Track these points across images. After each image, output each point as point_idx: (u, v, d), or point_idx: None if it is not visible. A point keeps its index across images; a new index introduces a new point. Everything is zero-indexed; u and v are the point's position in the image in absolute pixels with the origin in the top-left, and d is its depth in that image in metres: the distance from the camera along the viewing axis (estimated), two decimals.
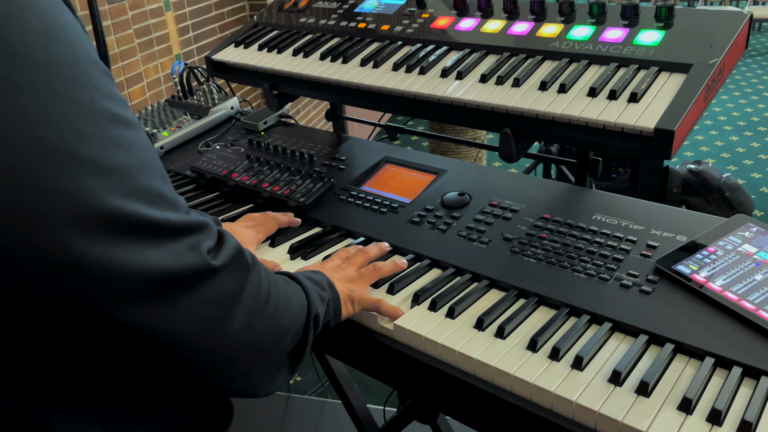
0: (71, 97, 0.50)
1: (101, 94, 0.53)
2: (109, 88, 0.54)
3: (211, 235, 0.60)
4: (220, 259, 0.59)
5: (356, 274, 0.95)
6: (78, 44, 0.53)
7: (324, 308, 0.81)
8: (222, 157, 1.43)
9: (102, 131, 0.52)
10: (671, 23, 1.06)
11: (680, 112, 0.90)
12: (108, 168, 0.51)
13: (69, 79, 0.51)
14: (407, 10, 1.36)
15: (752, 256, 0.92)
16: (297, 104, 3.78)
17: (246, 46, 1.49)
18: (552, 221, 1.06)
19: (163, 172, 0.58)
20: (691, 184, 3.30)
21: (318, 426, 2.23)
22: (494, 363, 0.81)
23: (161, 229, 0.54)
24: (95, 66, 0.54)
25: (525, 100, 1.03)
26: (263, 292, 0.66)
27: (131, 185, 0.53)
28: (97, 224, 0.50)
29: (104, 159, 0.51)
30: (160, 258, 0.53)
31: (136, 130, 0.56)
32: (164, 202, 0.56)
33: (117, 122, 0.53)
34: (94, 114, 0.52)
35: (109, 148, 0.52)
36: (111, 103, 0.54)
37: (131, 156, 0.53)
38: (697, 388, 0.74)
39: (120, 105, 0.55)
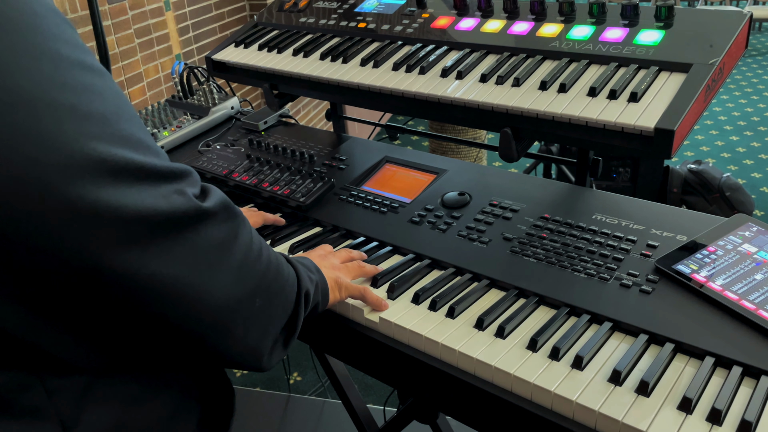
0: (38, 46, 0.50)
1: (66, 43, 0.53)
2: (72, 37, 0.54)
3: (194, 182, 0.60)
4: (209, 203, 0.60)
5: (341, 265, 0.97)
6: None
7: (313, 288, 0.82)
8: (222, 157, 1.43)
9: (74, 79, 0.52)
10: (671, 23, 1.06)
11: (680, 111, 0.90)
12: (87, 114, 0.51)
13: (32, 30, 0.51)
14: (407, 9, 1.36)
15: (752, 256, 0.92)
16: (297, 104, 3.78)
17: (246, 46, 1.49)
18: (552, 221, 1.06)
19: (139, 120, 0.58)
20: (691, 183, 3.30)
21: (318, 426, 2.23)
22: (494, 363, 0.81)
23: (148, 172, 0.54)
24: (56, 15, 0.54)
25: (525, 99, 1.03)
26: (255, 247, 0.66)
27: (112, 131, 0.52)
28: (85, 169, 0.49)
29: (81, 105, 0.51)
30: (152, 200, 0.53)
31: (106, 78, 0.56)
32: (146, 147, 0.56)
33: (87, 69, 0.53)
34: (63, 62, 0.51)
35: (84, 95, 0.52)
36: (78, 51, 0.53)
37: (107, 102, 0.53)
38: (697, 388, 0.74)
39: (86, 53, 0.55)
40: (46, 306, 0.54)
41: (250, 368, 0.70)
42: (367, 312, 0.94)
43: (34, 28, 0.51)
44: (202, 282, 0.58)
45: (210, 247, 0.59)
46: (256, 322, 0.66)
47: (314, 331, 1.06)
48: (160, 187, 0.55)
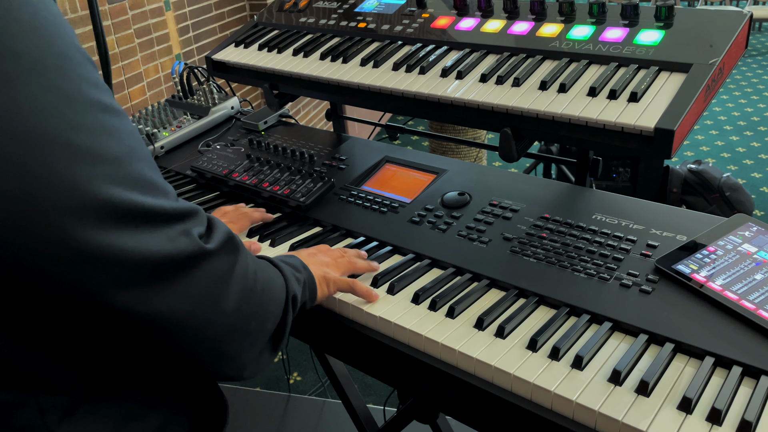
0: (59, 87, 0.51)
1: (87, 82, 0.53)
2: (94, 77, 0.55)
3: (201, 221, 0.62)
4: (213, 243, 0.61)
5: (331, 261, 0.97)
6: (61, 34, 0.53)
7: (300, 289, 0.83)
8: (222, 157, 1.43)
9: (92, 120, 0.52)
10: (671, 23, 1.06)
11: (680, 111, 0.90)
12: (101, 156, 0.52)
13: (55, 70, 0.51)
14: (407, 9, 1.36)
15: (752, 256, 0.92)
16: (297, 104, 3.78)
17: (246, 45, 1.49)
18: (552, 221, 1.06)
19: (150, 158, 0.59)
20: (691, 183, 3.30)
21: (318, 426, 2.23)
22: (494, 362, 0.81)
23: (155, 215, 0.55)
24: (80, 54, 0.54)
25: (525, 99, 1.03)
26: (251, 274, 0.67)
27: (124, 173, 0.53)
28: (95, 212, 0.50)
29: (96, 147, 0.52)
30: (157, 243, 0.54)
31: (123, 118, 0.56)
32: (156, 189, 0.57)
33: (105, 110, 0.54)
34: (82, 103, 0.52)
35: (100, 137, 0.52)
36: (97, 91, 0.54)
37: (121, 144, 0.54)
38: (697, 388, 0.74)
39: (105, 93, 0.55)
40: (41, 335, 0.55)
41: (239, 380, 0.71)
42: (366, 311, 0.94)
43: (57, 70, 0.51)
44: (202, 315, 0.60)
45: (211, 282, 0.61)
46: (249, 342, 0.68)
47: (314, 331, 1.06)
48: (167, 230, 0.56)
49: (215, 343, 0.63)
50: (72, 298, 0.52)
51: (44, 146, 0.49)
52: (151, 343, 0.58)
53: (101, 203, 0.51)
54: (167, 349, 0.60)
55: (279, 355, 2.52)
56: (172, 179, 1.46)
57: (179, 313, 0.57)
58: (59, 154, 0.49)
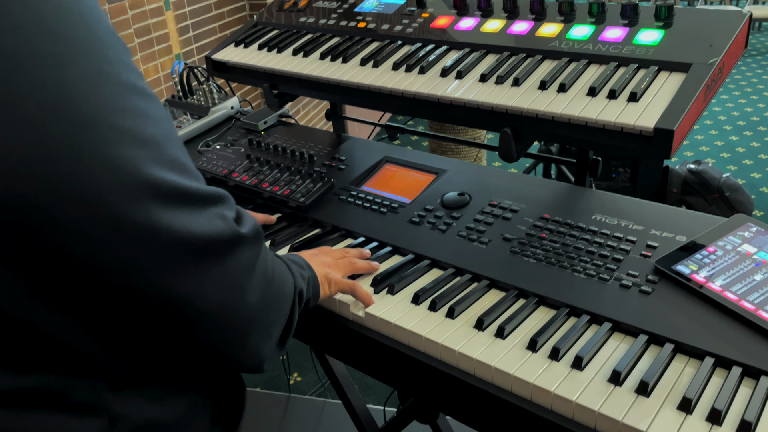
0: (102, 71, 0.52)
1: (126, 68, 0.55)
2: (129, 62, 0.56)
3: (232, 206, 0.63)
4: (245, 228, 0.62)
5: (333, 262, 0.98)
6: (100, 19, 0.55)
7: (305, 285, 0.84)
8: (222, 157, 1.43)
9: (132, 104, 0.54)
10: (671, 23, 1.05)
11: (680, 111, 0.90)
12: (143, 139, 0.53)
13: (98, 54, 0.53)
14: (407, 9, 1.36)
15: (752, 256, 0.92)
16: (297, 104, 3.78)
17: (246, 45, 1.49)
18: (552, 221, 1.06)
19: (182, 144, 0.60)
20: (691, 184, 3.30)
21: (318, 426, 2.23)
22: (494, 363, 0.81)
23: (194, 197, 0.56)
24: (117, 40, 0.56)
25: (525, 99, 1.03)
26: (269, 265, 0.69)
27: (163, 155, 0.54)
28: (143, 192, 0.51)
29: (138, 130, 0.53)
30: (198, 224, 0.56)
31: (156, 102, 0.58)
32: (191, 172, 0.58)
33: (142, 95, 0.55)
34: (122, 87, 0.53)
35: (139, 120, 0.53)
36: (134, 76, 0.56)
37: (158, 127, 0.55)
38: (697, 388, 0.74)
39: (140, 78, 0.57)
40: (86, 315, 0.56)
41: (251, 372, 0.72)
42: (366, 311, 0.94)
43: (99, 54, 0.53)
44: (232, 303, 0.61)
45: (242, 270, 0.62)
46: (267, 334, 0.69)
47: (314, 332, 1.06)
48: (204, 211, 0.57)
49: (239, 332, 0.63)
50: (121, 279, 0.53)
51: (91, 127, 0.50)
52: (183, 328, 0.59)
53: (147, 183, 0.52)
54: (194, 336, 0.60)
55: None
56: None
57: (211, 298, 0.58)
58: (105, 136, 0.50)
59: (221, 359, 0.67)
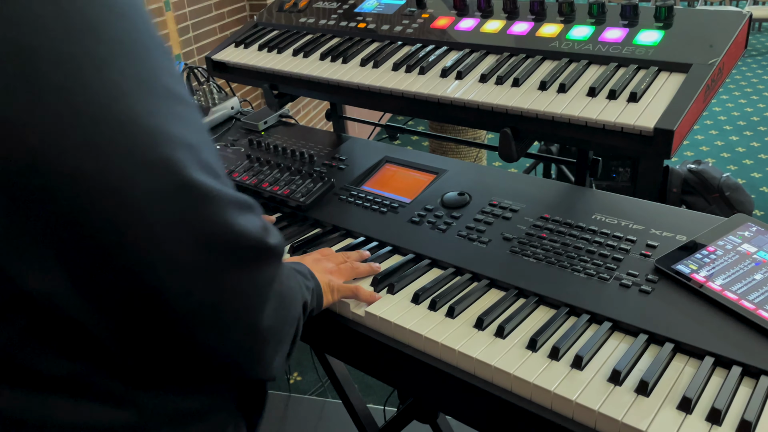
0: (140, 74, 0.52)
1: (168, 73, 0.55)
2: (171, 69, 0.56)
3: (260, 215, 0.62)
4: (273, 240, 0.61)
5: (335, 267, 0.98)
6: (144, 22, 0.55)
7: (310, 296, 0.84)
8: (222, 157, 1.43)
9: (169, 107, 0.54)
10: (671, 23, 1.06)
11: (680, 111, 0.90)
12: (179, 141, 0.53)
13: (139, 57, 0.53)
14: (407, 10, 1.36)
15: (752, 256, 0.92)
16: (297, 104, 3.78)
17: (246, 46, 1.49)
18: (552, 221, 1.06)
19: (216, 151, 0.60)
20: (691, 183, 3.30)
21: (318, 426, 2.23)
22: (494, 362, 0.81)
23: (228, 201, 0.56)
24: (161, 46, 0.56)
25: (525, 99, 1.03)
26: (284, 278, 0.68)
27: (202, 160, 0.54)
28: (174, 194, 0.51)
29: (174, 133, 0.53)
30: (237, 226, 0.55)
31: (194, 108, 0.58)
32: (222, 177, 0.58)
33: (180, 101, 0.55)
34: (162, 91, 0.54)
35: (178, 124, 0.54)
36: (174, 81, 0.56)
37: (195, 133, 0.55)
38: (697, 388, 0.74)
39: (180, 83, 0.57)
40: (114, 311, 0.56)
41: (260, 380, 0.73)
42: (366, 311, 0.94)
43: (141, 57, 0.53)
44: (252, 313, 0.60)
45: (264, 282, 0.61)
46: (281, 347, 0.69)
47: (314, 331, 1.06)
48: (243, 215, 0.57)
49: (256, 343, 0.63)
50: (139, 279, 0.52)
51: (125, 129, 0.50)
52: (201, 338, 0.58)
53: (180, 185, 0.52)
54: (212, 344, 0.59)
55: None
56: None
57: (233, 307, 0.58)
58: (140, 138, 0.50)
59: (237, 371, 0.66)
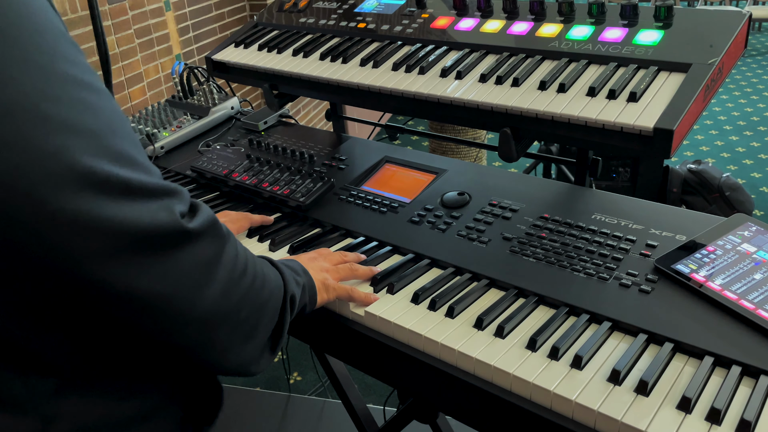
0: (32, 60, 0.52)
1: (64, 59, 0.54)
2: (73, 55, 0.56)
3: (183, 200, 0.61)
4: (195, 223, 0.60)
5: (331, 267, 0.98)
6: (39, 14, 0.54)
7: (300, 291, 0.83)
8: (222, 157, 1.43)
9: (67, 94, 0.53)
10: (670, 23, 1.06)
11: (679, 111, 0.90)
12: (75, 128, 0.52)
13: (28, 43, 0.52)
14: (407, 10, 1.36)
15: (751, 256, 0.92)
16: (297, 104, 3.78)
17: (246, 46, 1.49)
18: (551, 221, 1.06)
19: (134, 139, 0.59)
20: (691, 183, 3.30)
21: (318, 426, 2.23)
22: (494, 362, 0.81)
23: (134, 188, 0.55)
24: (59, 35, 0.55)
25: (524, 99, 1.03)
26: (240, 262, 0.67)
27: (102, 145, 0.54)
28: (70, 181, 0.51)
29: (71, 119, 0.52)
30: (134, 215, 0.54)
31: (104, 96, 0.57)
32: (136, 164, 0.57)
33: (82, 86, 0.55)
34: (57, 77, 0.53)
35: (75, 109, 0.53)
36: (75, 68, 0.55)
37: (98, 119, 0.55)
38: (697, 387, 0.74)
39: (85, 72, 0.56)
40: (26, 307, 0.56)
41: (238, 375, 0.72)
42: (366, 311, 0.94)
43: (32, 44, 0.52)
44: (185, 299, 0.60)
45: (194, 267, 0.60)
46: (241, 334, 0.68)
47: (314, 331, 1.06)
48: (146, 203, 0.56)
49: (201, 328, 0.62)
50: (51, 268, 0.52)
51: (16, 116, 0.49)
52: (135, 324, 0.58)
53: (77, 172, 0.51)
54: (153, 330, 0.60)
55: (279, 355, 2.52)
56: (172, 179, 1.46)
57: (159, 293, 0.57)
58: (33, 124, 0.50)
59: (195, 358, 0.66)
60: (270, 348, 0.75)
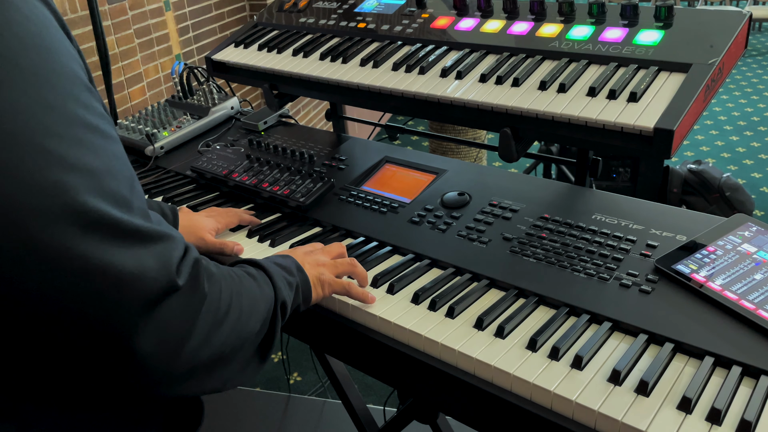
0: (44, 98, 0.53)
1: (77, 102, 0.55)
2: (87, 100, 0.56)
3: (176, 248, 0.59)
4: (182, 277, 0.59)
5: (329, 261, 0.95)
6: (60, 57, 0.55)
7: (292, 294, 0.82)
8: (222, 157, 1.43)
9: (72, 132, 0.54)
10: (671, 23, 1.06)
11: (680, 111, 0.90)
12: (74, 166, 0.52)
13: (44, 83, 0.53)
14: (407, 10, 1.36)
15: (752, 256, 0.92)
16: (297, 104, 3.78)
17: (246, 46, 1.49)
18: (552, 221, 1.06)
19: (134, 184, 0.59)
20: (691, 183, 3.30)
21: (318, 426, 2.23)
22: (494, 362, 0.81)
23: (125, 231, 0.54)
24: (76, 79, 0.56)
25: (524, 99, 1.03)
26: (224, 304, 0.65)
27: (98, 186, 0.54)
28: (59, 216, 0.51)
29: (71, 157, 0.52)
30: (122, 259, 0.53)
31: (111, 142, 0.57)
32: (131, 207, 0.56)
33: (90, 129, 0.55)
34: (65, 116, 0.54)
35: (76, 149, 0.53)
36: (86, 111, 0.56)
37: (99, 160, 0.55)
38: (697, 388, 0.74)
39: (97, 117, 0.56)
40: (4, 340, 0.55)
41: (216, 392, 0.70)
42: (366, 311, 0.94)
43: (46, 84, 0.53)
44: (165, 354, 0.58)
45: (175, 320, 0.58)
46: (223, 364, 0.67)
47: (314, 331, 1.06)
48: (137, 249, 0.55)
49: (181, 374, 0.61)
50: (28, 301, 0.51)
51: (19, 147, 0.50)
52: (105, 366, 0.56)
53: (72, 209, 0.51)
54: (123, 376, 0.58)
55: (279, 355, 2.52)
56: (171, 179, 1.46)
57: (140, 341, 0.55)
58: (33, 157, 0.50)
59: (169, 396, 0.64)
60: (259, 357, 0.74)
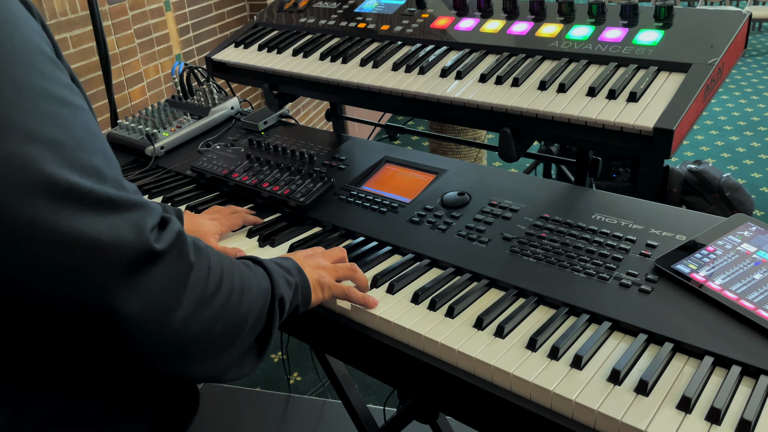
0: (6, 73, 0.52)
1: (41, 75, 0.55)
2: (51, 72, 0.56)
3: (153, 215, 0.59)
4: (162, 243, 0.58)
5: (329, 265, 0.96)
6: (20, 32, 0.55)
7: (291, 292, 0.82)
8: (222, 157, 1.43)
9: (36, 105, 0.53)
10: (670, 23, 1.06)
11: (679, 111, 0.90)
12: (40, 138, 0.52)
13: (5, 58, 0.53)
14: (407, 10, 1.36)
15: (751, 256, 0.92)
16: (297, 104, 3.78)
17: (246, 46, 1.49)
18: (552, 221, 1.06)
19: (107, 154, 0.58)
20: (691, 183, 3.30)
21: (318, 426, 2.23)
22: (494, 362, 0.81)
23: (97, 200, 0.54)
24: (39, 52, 0.56)
25: (524, 99, 1.03)
26: (212, 280, 0.65)
27: (66, 157, 0.53)
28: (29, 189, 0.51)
29: (36, 130, 0.52)
30: (95, 228, 0.53)
31: (80, 112, 0.57)
32: (103, 177, 0.56)
33: (55, 101, 0.55)
34: (28, 90, 0.53)
35: (41, 121, 0.53)
36: (51, 83, 0.55)
37: (66, 131, 0.55)
38: (696, 387, 0.74)
39: (63, 88, 0.56)
40: None
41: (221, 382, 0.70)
42: (366, 311, 0.94)
43: (6, 56, 0.53)
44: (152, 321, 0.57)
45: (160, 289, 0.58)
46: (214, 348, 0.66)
47: (314, 331, 1.06)
48: (110, 216, 0.54)
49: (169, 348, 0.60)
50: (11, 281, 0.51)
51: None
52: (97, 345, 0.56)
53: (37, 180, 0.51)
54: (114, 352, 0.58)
55: (279, 355, 2.52)
56: (171, 179, 1.46)
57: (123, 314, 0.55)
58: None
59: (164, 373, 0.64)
60: (257, 351, 0.74)
